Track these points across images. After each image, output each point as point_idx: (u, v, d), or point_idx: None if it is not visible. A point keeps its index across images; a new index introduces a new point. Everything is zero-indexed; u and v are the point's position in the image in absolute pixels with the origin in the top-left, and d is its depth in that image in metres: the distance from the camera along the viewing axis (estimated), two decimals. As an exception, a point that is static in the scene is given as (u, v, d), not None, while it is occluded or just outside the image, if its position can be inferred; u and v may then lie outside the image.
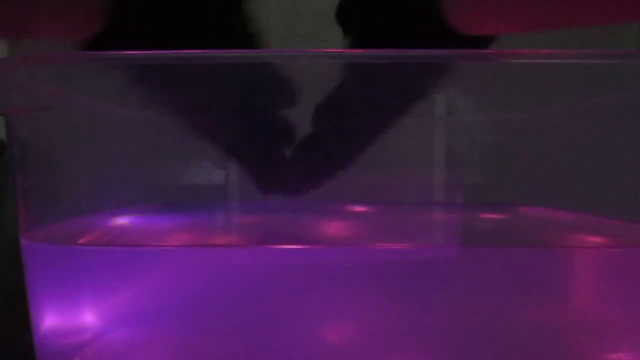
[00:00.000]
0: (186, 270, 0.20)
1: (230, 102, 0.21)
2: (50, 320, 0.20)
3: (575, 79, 0.21)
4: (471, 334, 0.19)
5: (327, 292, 0.19)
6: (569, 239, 0.25)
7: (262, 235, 0.26)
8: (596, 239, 0.24)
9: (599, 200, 0.26)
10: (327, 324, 0.19)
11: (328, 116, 0.22)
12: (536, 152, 0.29)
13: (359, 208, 0.33)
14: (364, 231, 0.28)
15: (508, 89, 0.24)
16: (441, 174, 0.29)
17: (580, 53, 0.18)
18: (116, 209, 0.27)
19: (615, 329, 0.20)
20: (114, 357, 0.19)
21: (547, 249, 0.21)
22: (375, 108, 0.22)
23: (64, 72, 0.20)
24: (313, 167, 0.23)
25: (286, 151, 0.23)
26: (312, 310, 0.19)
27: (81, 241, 0.21)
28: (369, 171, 0.32)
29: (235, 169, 0.30)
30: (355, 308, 0.19)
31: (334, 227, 0.28)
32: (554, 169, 0.28)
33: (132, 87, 0.21)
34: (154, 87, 0.21)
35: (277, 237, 0.25)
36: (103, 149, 0.25)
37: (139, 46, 0.21)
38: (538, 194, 0.30)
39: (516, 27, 0.21)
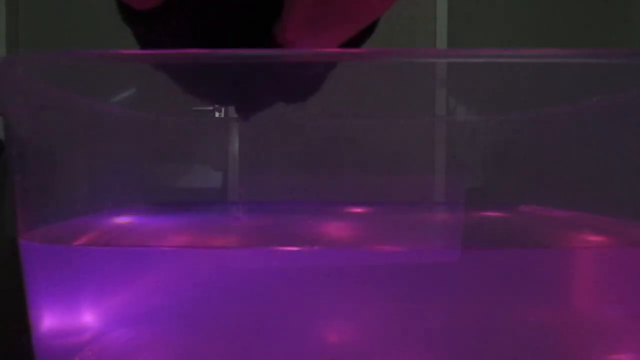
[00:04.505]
0: (186, 271, 0.20)
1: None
2: (49, 321, 0.20)
3: (575, 79, 0.21)
4: (473, 335, 0.19)
5: (329, 294, 0.19)
6: (570, 239, 0.25)
7: (261, 236, 0.26)
8: (598, 239, 0.24)
9: (599, 200, 0.26)
10: (328, 327, 0.19)
11: None
12: (537, 152, 0.29)
13: (359, 209, 0.33)
14: (364, 232, 0.28)
15: (508, 89, 0.24)
16: (442, 174, 0.29)
17: (580, 53, 0.18)
18: (115, 209, 0.27)
19: (618, 329, 0.20)
20: (114, 358, 0.19)
21: (550, 249, 0.21)
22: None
23: (63, 72, 0.20)
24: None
25: None
26: (312, 312, 0.19)
27: (80, 242, 0.21)
28: (370, 172, 0.32)
29: (234, 169, 0.30)
30: (356, 310, 0.19)
31: (334, 229, 0.28)
32: (554, 169, 0.28)
33: None
34: None
35: (277, 238, 0.25)
36: (102, 149, 0.25)
37: (192, 24, 0.20)
38: (539, 194, 0.30)
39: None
